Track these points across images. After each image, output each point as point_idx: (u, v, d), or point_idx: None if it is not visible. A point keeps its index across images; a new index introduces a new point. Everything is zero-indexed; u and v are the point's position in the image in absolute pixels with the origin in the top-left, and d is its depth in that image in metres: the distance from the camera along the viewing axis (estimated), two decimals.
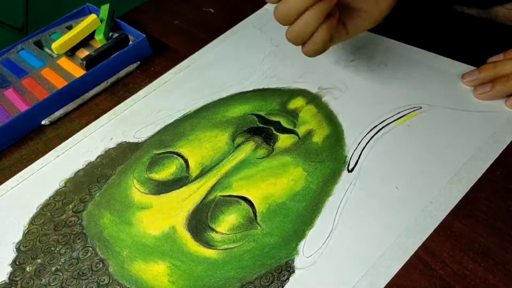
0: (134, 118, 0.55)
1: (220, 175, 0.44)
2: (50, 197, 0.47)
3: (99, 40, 0.66)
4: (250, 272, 0.37)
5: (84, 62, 0.62)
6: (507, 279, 0.33)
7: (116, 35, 0.67)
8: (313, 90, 0.52)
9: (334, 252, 0.37)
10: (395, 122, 0.46)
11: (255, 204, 0.41)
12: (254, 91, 0.54)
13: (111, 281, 0.38)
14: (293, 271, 0.36)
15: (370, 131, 0.45)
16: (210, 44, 0.64)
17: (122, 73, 0.63)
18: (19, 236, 0.44)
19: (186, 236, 0.40)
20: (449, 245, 0.35)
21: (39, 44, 0.70)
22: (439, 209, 0.37)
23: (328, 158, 0.44)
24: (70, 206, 0.46)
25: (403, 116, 0.46)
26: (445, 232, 0.36)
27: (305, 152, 0.45)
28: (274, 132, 0.47)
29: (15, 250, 0.43)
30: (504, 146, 0.41)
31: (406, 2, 0.60)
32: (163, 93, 0.58)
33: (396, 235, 0.36)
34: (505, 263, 0.33)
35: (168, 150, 0.49)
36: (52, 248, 0.42)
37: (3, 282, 0.40)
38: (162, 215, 0.43)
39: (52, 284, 0.39)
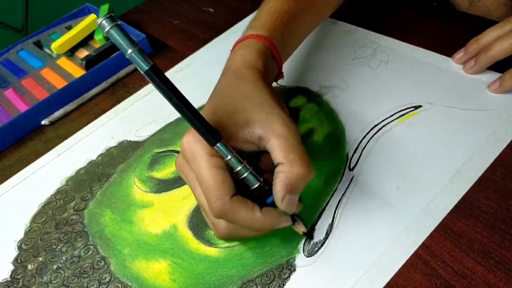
0: (135, 117, 0.55)
1: None
2: (51, 196, 0.47)
3: (99, 40, 0.66)
4: (251, 270, 0.37)
5: (84, 62, 0.62)
6: (507, 278, 0.32)
7: None
8: (314, 88, 0.52)
9: (335, 251, 0.37)
10: (396, 120, 0.46)
11: None
12: None
13: (112, 279, 0.38)
14: (294, 270, 0.36)
15: (371, 129, 0.45)
16: (210, 44, 0.64)
17: (122, 73, 0.63)
18: (20, 234, 0.44)
19: (187, 234, 0.40)
20: (449, 244, 0.35)
21: (39, 44, 0.70)
22: (439, 208, 0.37)
23: (329, 157, 0.44)
24: (72, 204, 0.46)
25: (403, 114, 0.46)
26: (445, 231, 0.36)
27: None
28: None
29: (16, 248, 0.43)
30: (505, 145, 0.41)
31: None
32: None
33: (397, 234, 0.36)
34: (506, 262, 0.33)
35: (169, 149, 0.49)
36: (54, 246, 0.42)
37: (5, 280, 0.40)
38: (163, 214, 0.43)
39: (53, 282, 0.39)
